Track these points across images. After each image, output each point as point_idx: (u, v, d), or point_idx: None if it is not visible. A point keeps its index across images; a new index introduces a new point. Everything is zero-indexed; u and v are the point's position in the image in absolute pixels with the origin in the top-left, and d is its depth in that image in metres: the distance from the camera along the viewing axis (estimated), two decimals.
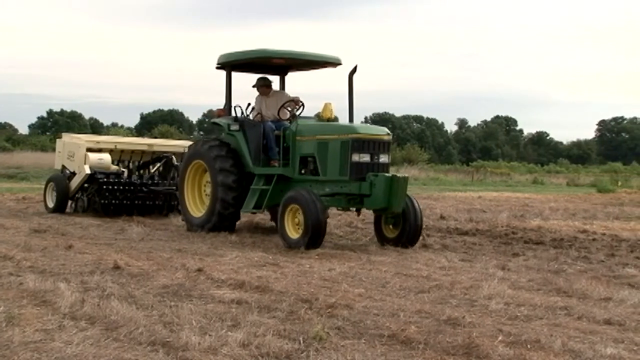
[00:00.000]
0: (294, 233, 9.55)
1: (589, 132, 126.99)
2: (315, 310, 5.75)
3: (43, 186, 14.71)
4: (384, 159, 9.87)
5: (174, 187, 12.97)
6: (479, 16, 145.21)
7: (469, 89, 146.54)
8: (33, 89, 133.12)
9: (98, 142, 14.12)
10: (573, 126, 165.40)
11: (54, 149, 15.81)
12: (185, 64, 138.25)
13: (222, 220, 10.93)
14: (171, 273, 7.30)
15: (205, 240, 10.25)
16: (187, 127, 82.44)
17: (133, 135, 54.78)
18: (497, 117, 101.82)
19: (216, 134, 11.90)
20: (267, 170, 10.70)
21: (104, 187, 13.15)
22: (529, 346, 4.81)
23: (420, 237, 10.25)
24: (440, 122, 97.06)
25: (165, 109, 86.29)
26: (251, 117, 11.22)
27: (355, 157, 9.61)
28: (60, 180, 13.84)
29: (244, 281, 6.88)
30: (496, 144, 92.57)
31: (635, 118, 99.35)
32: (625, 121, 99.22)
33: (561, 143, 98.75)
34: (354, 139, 9.65)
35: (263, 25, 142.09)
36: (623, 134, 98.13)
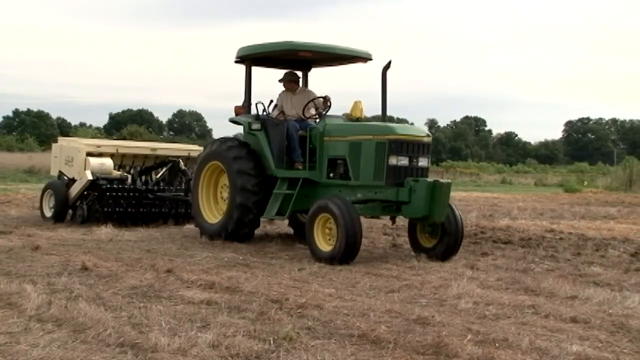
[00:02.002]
0: (324, 245, 8.59)
1: (556, 133, 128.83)
2: (286, 311, 5.75)
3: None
4: (423, 162, 8.95)
5: (182, 194, 12.37)
6: (449, 17, 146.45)
7: (438, 90, 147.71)
8: None
9: (99, 146, 13.12)
10: (541, 127, 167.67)
11: (20, 149, 15.42)
12: (155, 64, 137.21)
13: (240, 227, 9.95)
14: (140, 274, 7.24)
15: (175, 240, 10.19)
16: (157, 127, 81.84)
17: (102, 136, 54.26)
18: (467, 117, 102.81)
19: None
20: (292, 173, 9.74)
21: (107, 194, 12.05)
22: (497, 345, 4.87)
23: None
24: (410, 122, 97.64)
25: (135, 108, 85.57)
26: (273, 115, 10.26)
27: (393, 160, 8.69)
28: (59, 187, 12.68)
29: (214, 282, 6.86)
30: (465, 144, 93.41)
31: (600, 119, 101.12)
32: (591, 122, 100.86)
33: (529, 143, 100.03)
34: (391, 140, 8.72)
35: (233, 24, 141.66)
36: (589, 135, 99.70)
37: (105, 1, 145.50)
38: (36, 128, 69.63)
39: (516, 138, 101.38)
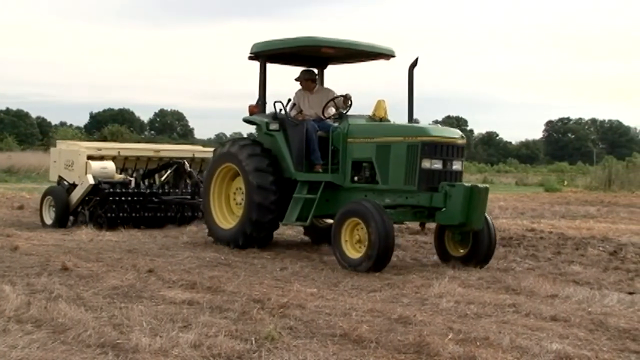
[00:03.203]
0: (353, 252, 8.05)
1: (537, 133, 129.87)
2: (268, 310, 5.75)
3: None
4: (457, 166, 8.43)
5: (188, 197, 12.05)
6: (427, 17, 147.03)
7: (420, 90, 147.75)
8: None
9: (99, 149, 12.63)
10: (522, 127, 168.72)
11: None
12: (136, 63, 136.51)
13: (258, 230, 9.32)
14: (121, 274, 7.21)
15: (157, 240, 10.14)
16: (138, 127, 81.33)
17: (82, 135, 53.85)
18: (449, 117, 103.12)
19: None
20: (313, 176, 9.16)
21: (110, 198, 11.60)
22: (478, 343, 4.90)
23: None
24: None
25: (116, 108, 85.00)
26: (291, 114, 9.71)
27: (426, 164, 8.16)
28: (59, 193, 12.13)
29: (196, 282, 6.84)
30: None
31: (580, 119, 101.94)
32: (572, 122, 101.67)
33: (510, 143, 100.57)
34: (424, 142, 8.19)
35: (216, 23, 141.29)
36: (569, 135, 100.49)
37: (86, 0, 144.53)
38: (15, 127, 68.87)
39: (497, 138, 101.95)
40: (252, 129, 10.32)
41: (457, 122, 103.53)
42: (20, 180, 27.01)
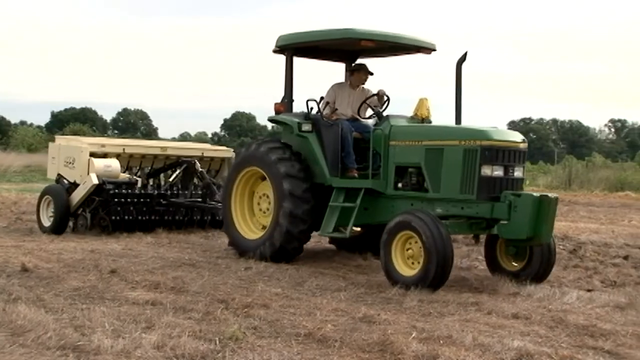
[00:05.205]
0: (405, 269, 7.19)
1: None
2: (232, 311, 5.74)
3: None
4: (519, 172, 7.65)
5: (199, 199, 11.22)
6: (380, 18, 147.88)
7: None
8: None
9: (103, 146, 11.64)
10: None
11: None
12: (98, 61, 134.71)
13: (288, 242, 8.45)
14: (83, 275, 7.12)
15: (120, 240, 10.01)
16: (101, 126, 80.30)
17: (43, 134, 52.93)
18: (412, 118, 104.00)
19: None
20: (352, 182, 8.33)
21: (116, 199, 10.74)
22: (441, 342, 4.95)
23: None
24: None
25: (78, 106, 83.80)
26: (325, 113, 8.88)
27: (486, 171, 7.37)
28: (59, 192, 11.09)
29: (159, 282, 6.79)
30: None
31: (541, 119, 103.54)
32: (533, 122, 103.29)
33: None
34: (484, 146, 7.37)
35: (179, 19, 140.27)
36: (531, 134, 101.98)
37: None
38: None
39: None
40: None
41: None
42: None
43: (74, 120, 64.29)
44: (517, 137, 7.80)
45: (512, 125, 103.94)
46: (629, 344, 5.11)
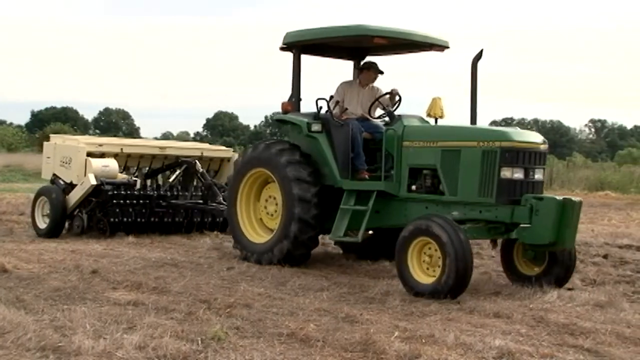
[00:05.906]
0: (422, 277, 6.86)
1: None
2: (214, 311, 5.72)
3: None
4: (539, 175, 7.38)
5: (200, 200, 11.00)
6: (364, 17, 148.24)
7: None
8: None
9: (100, 145, 11.31)
10: None
11: None
12: (80, 60, 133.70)
13: (297, 247, 8.22)
14: (64, 275, 7.08)
15: (101, 241, 9.95)
16: (82, 126, 79.72)
17: (24, 134, 52.46)
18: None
19: None
20: (363, 184, 8.05)
21: (114, 201, 10.45)
22: (423, 341, 4.98)
23: None
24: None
25: (59, 106, 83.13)
26: (335, 113, 8.52)
27: (506, 173, 7.10)
28: (55, 193, 10.69)
29: (141, 282, 6.76)
30: None
31: (523, 119, 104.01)
32: (515, 122, 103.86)
33: None
34: (504, 148, 7.11)
35: (161, 18, 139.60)
36: None
37: None
38: None
39: None
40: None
41: None
42: None
43: (55, 120, 63.78)
44: (537, 138, 7.55)
45: (494, 125, 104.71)
46: (609, 342, 5.16)
